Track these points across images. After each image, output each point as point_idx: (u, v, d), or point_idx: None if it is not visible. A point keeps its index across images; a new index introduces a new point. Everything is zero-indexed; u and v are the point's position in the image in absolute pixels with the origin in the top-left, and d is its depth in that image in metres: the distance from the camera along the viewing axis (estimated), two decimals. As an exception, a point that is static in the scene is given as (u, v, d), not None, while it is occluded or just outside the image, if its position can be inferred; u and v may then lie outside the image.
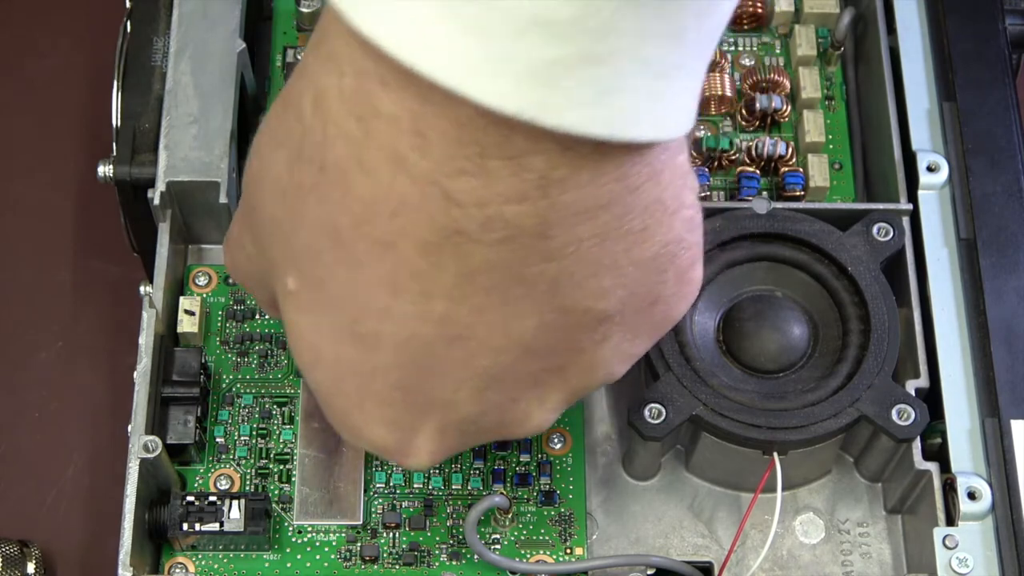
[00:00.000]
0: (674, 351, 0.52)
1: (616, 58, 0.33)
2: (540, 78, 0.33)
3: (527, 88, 0.33)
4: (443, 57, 0.33)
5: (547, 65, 0.33)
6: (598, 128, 0.34)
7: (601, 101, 0.34)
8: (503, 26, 0.32)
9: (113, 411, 0.62)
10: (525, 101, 0.33)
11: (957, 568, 0.50)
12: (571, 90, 0.33)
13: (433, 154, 0.35)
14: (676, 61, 0.34)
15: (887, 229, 0.55)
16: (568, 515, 0.54)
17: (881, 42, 0.61)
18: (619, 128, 0.34)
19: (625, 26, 0.32)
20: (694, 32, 0.34)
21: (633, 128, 0.35)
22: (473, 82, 0.33)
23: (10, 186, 0.69)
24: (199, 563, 0.53)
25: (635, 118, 0.34)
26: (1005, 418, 0.52)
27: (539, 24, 0.32)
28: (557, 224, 0.37)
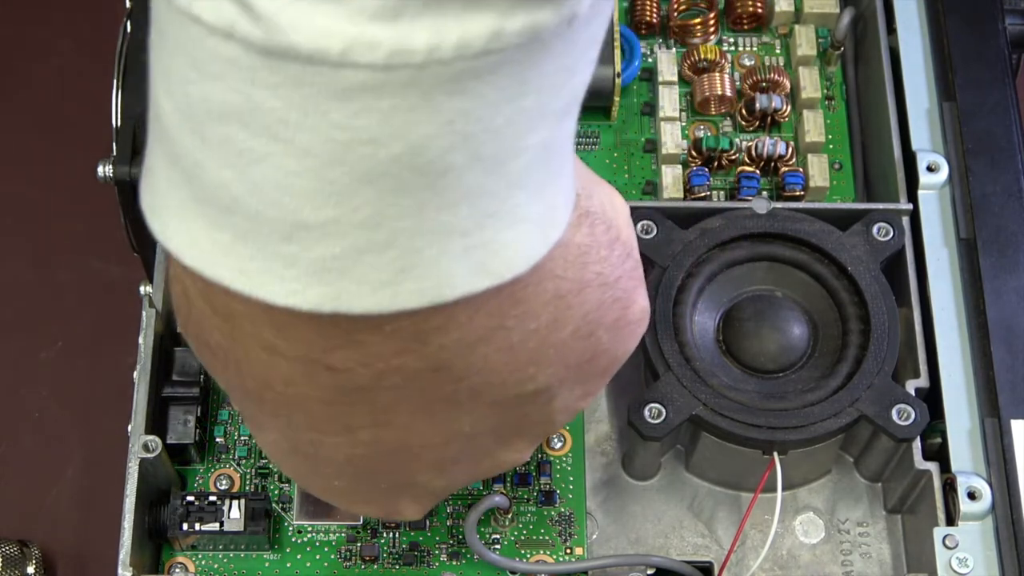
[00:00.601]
0: (674, 351, 0.52)
1: (402, 239, 0.32)
2: (326, 273, 0.33)
3: (316, 284, 0.33)
4: (226, 266, 0.33)
5: (327, 261, 0.33)
6: (414, 301, 0.33)
7: (404, 277, 0.33)
8: (270, 233, 0.32)
9: (113, 411, 0.62)
10: (319, 296, 0.33)
11: (957, 568, 0.50)
12: (364, 278, 0.33)
13: (298, 340, 0.35)
14: (489, 209, 0.33)
15: (887, 229, 0.55)
16: (568, 515, 0.54)
17: (881, 42, 0.61)
18: (438, 294, 0.34)
19: (396, 212, 0.32)
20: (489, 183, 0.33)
21: (461, 286, 0.34)
22: (261, 286, 0.33)
23: (10, 186, 0.69)
24: (199, 563, 0.53)
25: (459, 277, 0.34)
26: (1005, 418, 0.52)
27: (304, 228, 0.32)
28: (450, 357, 0.37)
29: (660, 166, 0.61)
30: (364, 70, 0.29)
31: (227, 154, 0.32)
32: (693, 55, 0.63)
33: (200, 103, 0.32)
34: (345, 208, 0.32)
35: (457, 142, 0.31)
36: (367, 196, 0.32)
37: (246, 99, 0.31)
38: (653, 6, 0.64)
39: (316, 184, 0.31)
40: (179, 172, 0.33)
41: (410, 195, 0.32)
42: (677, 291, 0.54)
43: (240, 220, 0.33)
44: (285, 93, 0.30)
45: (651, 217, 0.55)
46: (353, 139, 0.31)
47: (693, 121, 0.63)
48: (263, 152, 0.31)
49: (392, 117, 0.30)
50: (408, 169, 0.31)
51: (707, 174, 0.60)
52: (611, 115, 0.62)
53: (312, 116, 0.30)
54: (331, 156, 0.31)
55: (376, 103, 0.30)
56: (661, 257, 0.54)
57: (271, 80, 0.30)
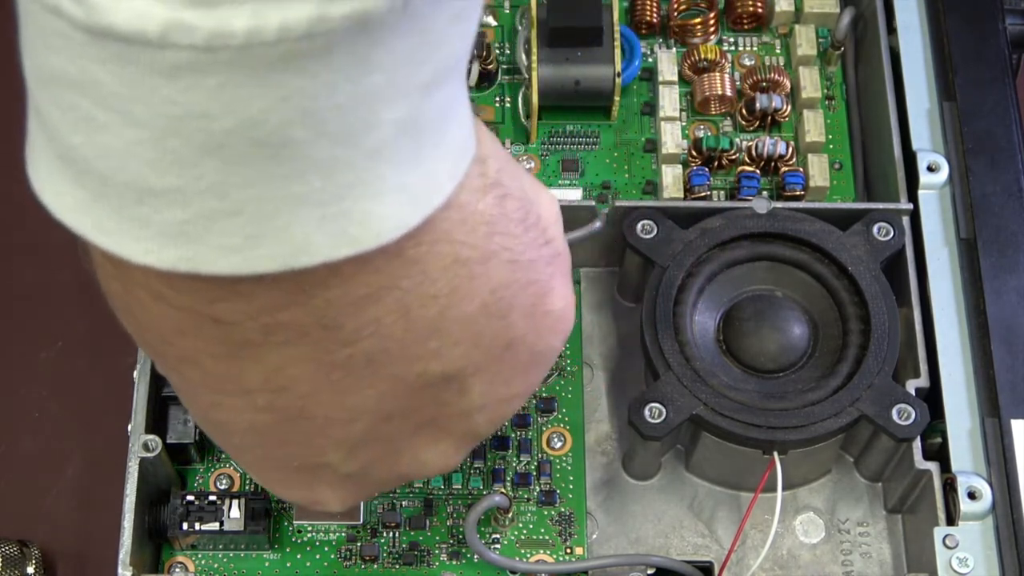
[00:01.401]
0: (674, 351, 0.52)
1: (250, 207, 0.33)
2: (178, 236, 0.33)
3: (170, 246, 0.33)
4: (88, 222, 0.34)
5: (177, 225, 0.33)
6: (268, 265, 0.34)
7: (256, 243, 0.33)
8: (121, 195, 0.33)
9: (113, 411, 0.62)
10: (173, 256, 0.34)
11: (957, 568, 0.50)
12: (215, 242, 0.33)
13: (184, 290, 0.36)
14: (346, 181, 0.33)
15: (887, 229, 0.55)
16: (568, 515, 0.54)
17: (881, 42, 0.61)
18: (293, 259, 0.34)
19: (240, 181, 0.32)
20: (343, 155, 0.33)
21: (321, 252, 0.34)
22: (119, 244, 0.34)
23: (10, 186, 0.69)
24: (199, 562, 0.53)
25: (317, 244, 0.34)
26: (1005, 418, 0.52)
27: (149, 193, 0.33)
28: (337, 314, 0.36)
29: (660, 166, 0.61)
30: (186, 50, 0.30)
31: (75, 120, 0.33)
32: (693, 55, 0.63)
33: (48, 70, 0.32)
34: (187, 177, 0.32)
35: (295, 117, 0.32)
36: (208, 166, 0.32)
37: (81, 71, 0.31)
38: (653, 6, 0.64)
39: (157, 154, 0.32)
40: (44, 132, 0.35)
41: (252, 166, 0.32)
42: (677, 291, 0.54)
43: (94, 182, 0.33)
44: (113, 69, 0.31)
45: (651, 217, 0.55)
46: (185, 113, 0.31)
47: (693, 121, 0.63)
48: (104, 121, 0.32)
49: (221, 93, 0.31)
50: (245, 142, 0.32)
51: (707, 174, 0.60)
52: (611, 115, 0.62)
53: (142, 90, 0.31)
54: (166, 128, 0.31)
55: (203, 80, 0.31)
56: (661, 257, 0.54)
57: (100, 56, 0.31)
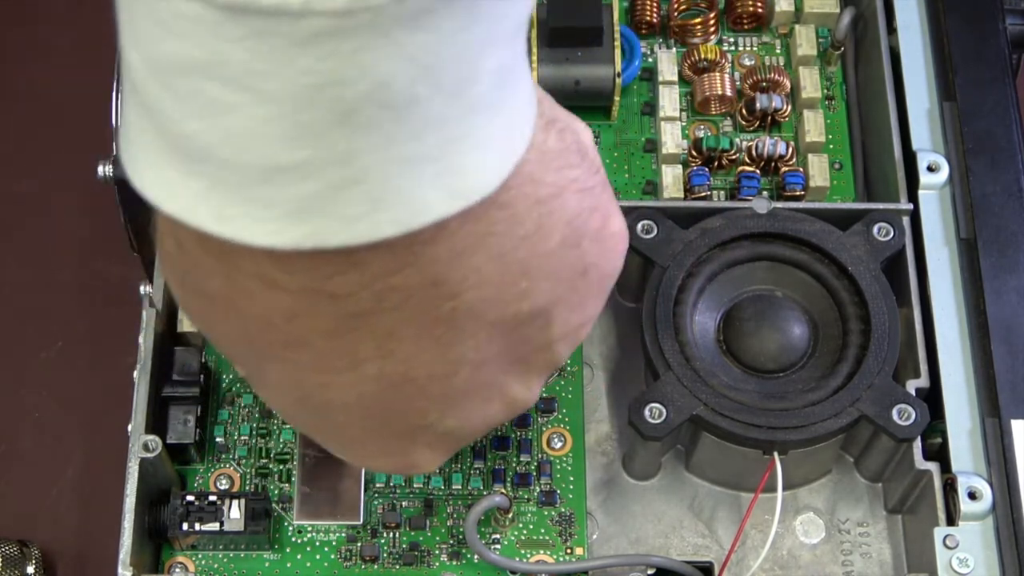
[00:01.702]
0: (674, 351, 0.52)
1: (374, 172, 0.34)
2: (303, 212, 0.34)
3: (295, 223, 0.34)
4: (205, 212, 0.35)
5: (303, 200, 0.34)
6: (391, 230, 0.35)
7: (379, 208, 0.34)
8: (245, 178, 0.33)
9: (113, 411, 0.62)
10: (298, 234, 0.34)
11: (957, 568, 0.50)
12: (340, 213, 0.34)
13: (299, 270, 0.36)
14: (454, 135, 0.34)
15: (887, 229, 0.55)
16: (568, 515, 0.54)
17: (881, 42, 0.61)
18: (413, 220, 0.35)
19: (367, 147, 0.33)
20: (452, 109, 0.34)
21: (436, 211, 0.35)
22: (241, 230, 0.34)
23: (10, 186, 0.69)
24: (199, 563, 0.53)
25: (432, 202, 0.35)
26: (1005, 418, 0.52)
27: (279, 170, 0.33)
28: (445, 269, 0.37)
29: (660, 166, 0.61)
30: (325, 17, 0.31)
31: (196, 106, 0.33)
32: (693, 55, 0.63)
33: (167, 59, 0.33)
34: (319, 148, 0.33)
35: (419, 75, 0.33)
36: (339, 134, 0.33)
37: (212, 53, 0.32)
38: (653, 6, 0.64)
39: (288, 129, 0.32)
40: (151, 124, 0.34)
41: (380, 129, 0.33)
42: (677, 291, 0.54)
43: (214, 168, 0.34)
44: (251, 45, 0.31)
45: (651, 217, 0.55)
46: (321, 82, 0.32)
47: (693, 121, 0.63)
48: (233, 102, 0.32)
49: (357, 57, 0.31)
50: (376, 105, 0.32)
51: (707, 174, 0.60)
52: (611, 115, 0.62)
53: (279, 64, 0.31)
54: (301, 100, 0.32)
55: (340, 46, 0.31)
56: (661, 257, 0.54)
57: (236, 33, 0.31)
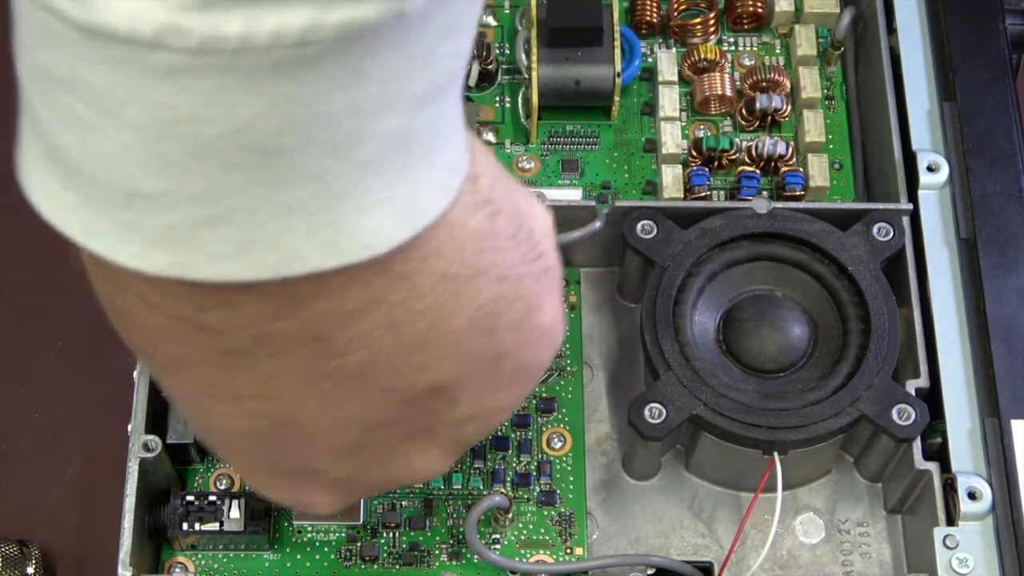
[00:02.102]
0: (674, 351, 0.52)
1: (238, 214, 0.33)
2: (167, 242, 0.33)
3: (159, 251, 0.33)
4: (77, 225, 0.34)
5: (167, 230, 0.33)
6: (258, 273, 0.34)
7: (246, 251, 0.33)
8: (111, 198, 0.33)
9: (113, 411, 0.62)
10: (163, 261, 0.33)
11: (957, 568, 0.50)
12: (204, 248, 0.33)
13: (173, 297, 0.35)
14: (335, 191, 0.33)
15: (887, 229, 0.55)
16: (568, 515, 0.54)
17: (881, 42, 0.61)
18: (284, 268, 0.34)
19: (230, 188, 0.32)
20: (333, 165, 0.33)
21: (310, 263, 0.34)
22: (108, 248, 0.34)
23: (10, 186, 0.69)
24: (199, 563, 0.53)
25: (307, 254, 0.34)
26: (1005, 418, 0.52)
27: (139, 197, 0.33)
28: (327, 327, 0.36)
29: (660, 166, 0.61)
30: (178, 53, 0.30)
31: (66, 120, 0.32)
32: (693, 55, 0.63)
33: (40, 68, 0.32)
34: (177, 182, 0.32)
35: (285, 125, 0.32)
36: (199, 171, 0.32)
37: (73, 71, 0.31)
38: (653, 6, 0.64)
39: (147, 157, 0.32)
40: (35, 131, 0.34)
41: (243, 172, 0.32)
42: (677, 291, 0.54)
43: (83, 183, 0.33)
44: (107, 70, 0.31)
45: (651, 217, 0.55)
46: (176, 117, 0.31)
47: (693, 121, 0.63)
48: (94, 122, 0.32)
49: (213, 98, 0.31)
50: (236, 148, 0.32)
51: (707, 174, 0.60)
52: (611, 115, 0.62)
53: (135, 92, 0.31)
54: (158, 132, 0.31)
55: (196, 84, 0.30)
56: (661, 257, 0.54)
57: (93, 56, 0.31)
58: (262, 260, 0.33)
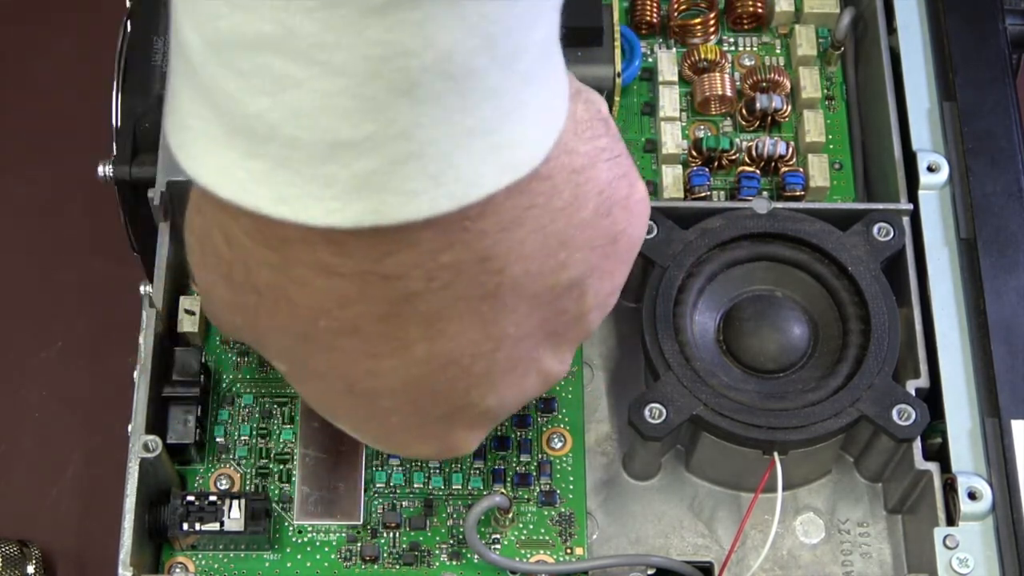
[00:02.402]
0: (674, 351, 0.52)
1: (433, 146, 0.34)
2: (364, 189, 0.34)
3: (355, 200, 0.34)
4: (263, 194, 0.35)
5: (365, 176, 0.34)
6: (448, 205, 0.35)
7: (438, 183, 0.34)
8: (308, 156, 0.34)
9: (113, 411, 0.62)
10: (358, 212, 0.34)
11: (957, 568, 0.50)
12: (400, 188, 0.34)
13: (354, 253, 0.36)
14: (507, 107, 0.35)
15: (887, 229, 0.55)
16: (568, 515, 0.54)
17: (881, 42, 0.61)
18: (470, 194, 0.35)
19: (428, 120, 0.33)
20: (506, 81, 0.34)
21: (489, 184, 0.35)
22: (301, 210, 0.34)
23: (10, 186, 0.69)
24: (199, 563, 0.53)
25: (487, 176, 0.35)
26: (1005, 418, 0.52)
27: (342, 147, 0.33)
28: (491, 244, 0.38)
29: (660, 166, 0.61)
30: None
31: (262, 82, 0.33)
32: (693, 55, 0.63)
33: (231, 35, 0.33)
34: (382, 122, 0.33)
35: (480, 44, 0.33)
36: (402, 108, 0.33)
37: (280, 26, 0.32)
38: (653, 6, 0.64)
39: (353, 102, 0.33)
40: (210, 107, 0.35)
41: (439, 102, 0.33)
42: (677, 291, 0.54)
43: (277, 147, 0.34)
44: (322, 16, 0.31)
45: (651, 217, 0.55)
46: (388, 53, 0.32)
47: (693, 121, 0.63)
48: (300, 77, 0.32)
49: (424, 27, 0.32)
50: (439, 76, 0.33)
51: (707, 174, 0.60)
52: (611, 115, 0.62)
53: (348, 35, 0.32)
54: (367, 72, 0.32)
55: (408, 16, 0.32)
56: (661, 257, 0.54)
57: (307, 4, 0.31)
58: (451, 191, 0.35)
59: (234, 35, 0.33)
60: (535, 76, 0.36)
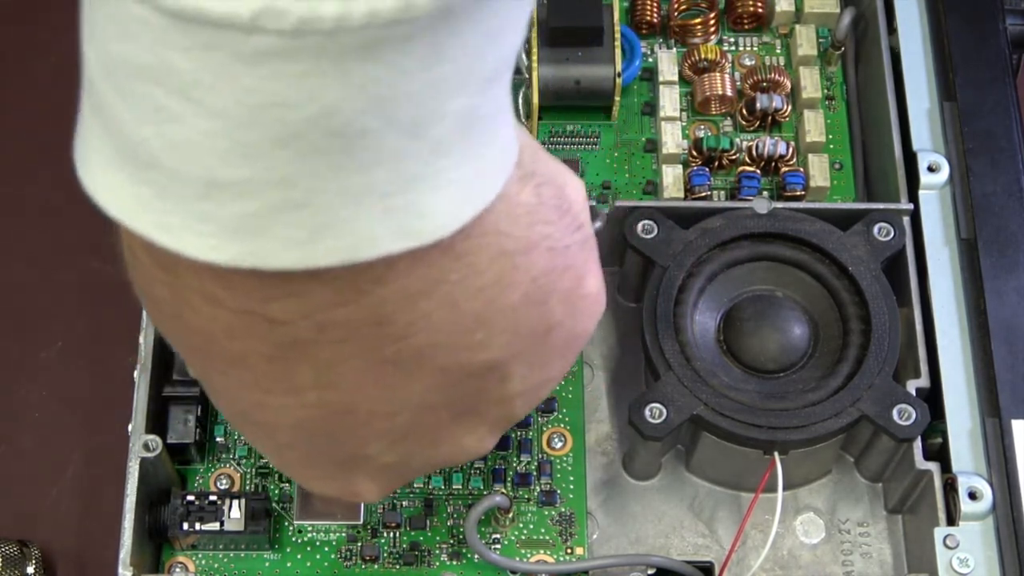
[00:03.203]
0: (675, 351, 0.52)
1: (317, 198, 0.33)
2: (242, 231, 0.33)
3: (233, 241, 0.33)
4: (148, 220, 0.34)
5: (243, 218, 0.33)
6: (331, 259, 0.34)
7: (319, 236, 0.33)
8: (187, 189, 0.33)
9: (113, 411, 0.62)
10: (236, 251, 0.33)
11: (958, 568, 0.50)
12: (280, 235, 0.33)
13: (239, 290, 0.36)
14: (410, 173, 0.34)
15: (887, 229, 0.55)
16: (568, 515, 0.54)
17: (881, 42, 0.61)
18: (356, 253, 0.34)
19: (311, 172, 0.32)
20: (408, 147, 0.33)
21: (382, 246, 0.34)
22: (180, 241, 0.34)
23: (10, 186, 0.69)
24: (199, 562, 0.53)
25: (380, 237, 0.34)
26: (1005, 418, 0.52)
27: (219, 186, 0.33)
28: (391, 310, 0.37)
29: (661, 166, 0.61)
30: (274, 35, 0.30)
31: (145, 111, 0.32)
32: (693, 55, 0.63)
33: (119, 60, 0.32)
34: (259, 168, 0.32)
35: (370, 106, 0.32)
36: (281, 157, 0.32)
37: (159, 60, 0.31)
38: (653, 6, 0.64)
39: (229, 144, 0.32)
40: (103, 126, 0.34)
41: (325, 157, 0.32)
42: (678, 291, 0.54)
43: (158, 176, 0.33)
44: (196, 56, 0.31)
45: (652, 217, 0.55)
46: (264, 102, 0.31)
47: (694, 121, 0.63)
48: (177, 111, 0.32)
49: (303, 81, 0.31)
50: (321, 132, 0.32)
51: (708, 174, 0.60)
52: (611, 115, 0.62)
53: (223, 79, 0.31)
54: (243, 118, 0.31)
55: (286, 67, 0.31)
56: (662, 257, 0.54)
57: (182, 43, 0.31)
58: (335, 245, 0.34)
59: (120, 60, 0.32)
60: (453, 148, 0.34)
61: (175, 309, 0.38)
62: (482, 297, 0.38)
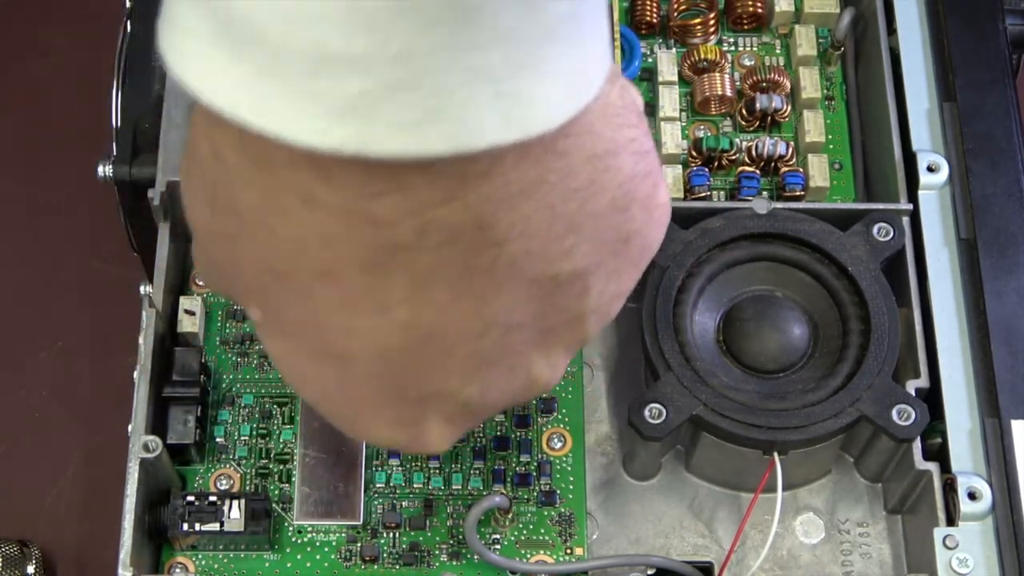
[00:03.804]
0: (674, 351, 0.52)
1: (432, 77, 0.32)
2: (352, 112, 0.32)
3: (341, 123, 0.32)
4: (245, 103, 0.32)
5: (354, 98, 0.32)
6: (441, 146, 0.33)
7: (430, 119, 0.32)
8: (295, 66, 0.32)
9: (113, 411, 0.62)
10: (344, 135, 0.32)
11: (957, 568, 0.50)
12: (391, 117, 0.32)
13: (343, 186, 0.34)
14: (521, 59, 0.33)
15: (887, 229, 0.55)
16: (568, 515, 0.54)
17: (881, 42, 0.61)
18: (466, 140, 0.33)
19: (428, 46, 0.31)
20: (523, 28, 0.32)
21: (490, 135, 0.33)
22: (281, 124, 0.32)
23: (10, 186, 0.69)
24: (199, 563, 0.53)
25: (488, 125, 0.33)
26: (1005, 418, 0.52)
27: (333, 61, 0.31)
28: (493, 211, 0.35)
29: (660, 166, 0.61)
30: None
31: None
32: (693, 55, 0.63)
33: None
34: (377, 39, 0.31)
35: None
36: (400, 27, 0.31)
37: None
38: (653, 6, 0.64)
39: (349, 13, 0.31)
40: (203, 4, 0.32)
41: (443, 29, 0.31)
42: (677, 291, 0.54)
43: (264, 53, 0.32)
44: None
45: (651, 217, 0.55)
46: None
47: (693, 121, 0.63)
48: None
49: None
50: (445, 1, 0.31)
51: (707, 174, 0.60)
52: (612, 115, 0.62)
53: None
54: None
55: None
56: (661, 257, 0.54)
57: None
58: (446, 131, 0.32)
59: None
60: (563, 35, 0.33)
61: (264, 218, 0.36)
62: (576, 200, 0.37)
